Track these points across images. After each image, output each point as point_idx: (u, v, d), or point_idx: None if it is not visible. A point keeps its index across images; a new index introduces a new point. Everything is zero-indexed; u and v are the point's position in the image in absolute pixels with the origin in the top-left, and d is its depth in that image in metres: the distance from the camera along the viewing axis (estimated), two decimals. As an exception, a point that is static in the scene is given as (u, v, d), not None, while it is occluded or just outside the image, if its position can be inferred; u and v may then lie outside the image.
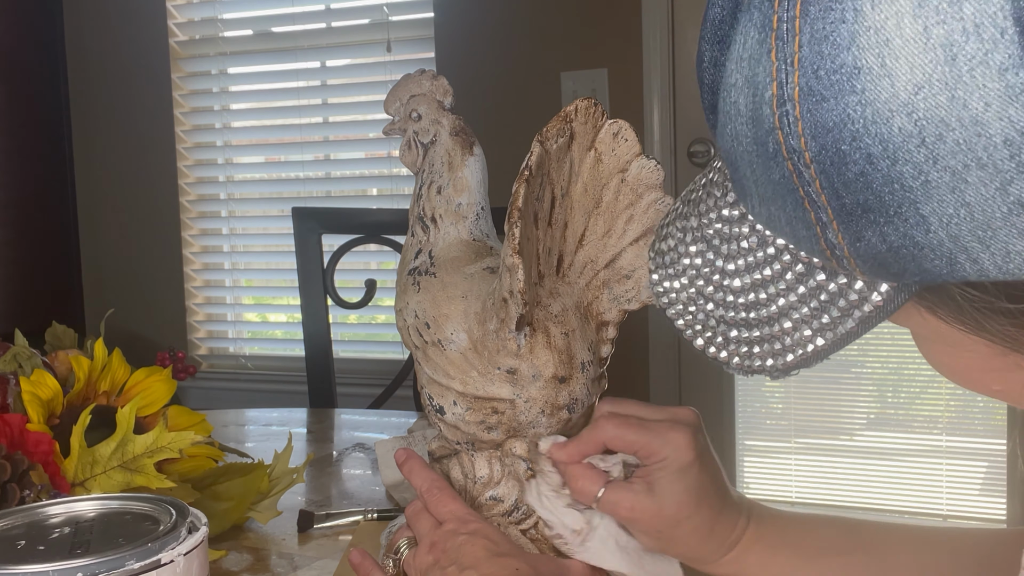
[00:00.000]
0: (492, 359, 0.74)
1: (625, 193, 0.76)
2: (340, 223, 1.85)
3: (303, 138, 3.07)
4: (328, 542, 0.94)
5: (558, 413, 0.75)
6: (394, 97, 0.84)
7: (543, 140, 0.70)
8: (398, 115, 0.84)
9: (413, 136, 0.83)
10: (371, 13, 2.92)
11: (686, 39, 2.60)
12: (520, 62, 2.73)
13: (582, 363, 0.75)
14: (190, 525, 0.58)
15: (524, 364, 0.73)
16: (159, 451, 0.86)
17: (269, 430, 1.43)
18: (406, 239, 0.83)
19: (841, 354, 2.55)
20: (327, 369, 1.76)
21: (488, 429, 0.75)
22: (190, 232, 3.19)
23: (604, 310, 0.78)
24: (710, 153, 2.59)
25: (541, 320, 0.74)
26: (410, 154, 0.84)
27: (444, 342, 0.75)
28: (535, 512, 0.75)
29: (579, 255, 0.76)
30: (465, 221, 0.81)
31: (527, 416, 0.74)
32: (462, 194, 0.81)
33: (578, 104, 0.72)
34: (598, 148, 0.75)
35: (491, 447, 0.77)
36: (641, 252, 0.77)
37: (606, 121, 0.75)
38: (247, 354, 3.20)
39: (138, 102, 3.16)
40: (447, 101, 0.83)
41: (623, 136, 0.75)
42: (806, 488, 2.63)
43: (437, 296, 0.77)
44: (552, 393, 0.74)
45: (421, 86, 0.83)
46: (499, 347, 0.73)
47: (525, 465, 0.76)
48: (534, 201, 0.71)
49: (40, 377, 0.91)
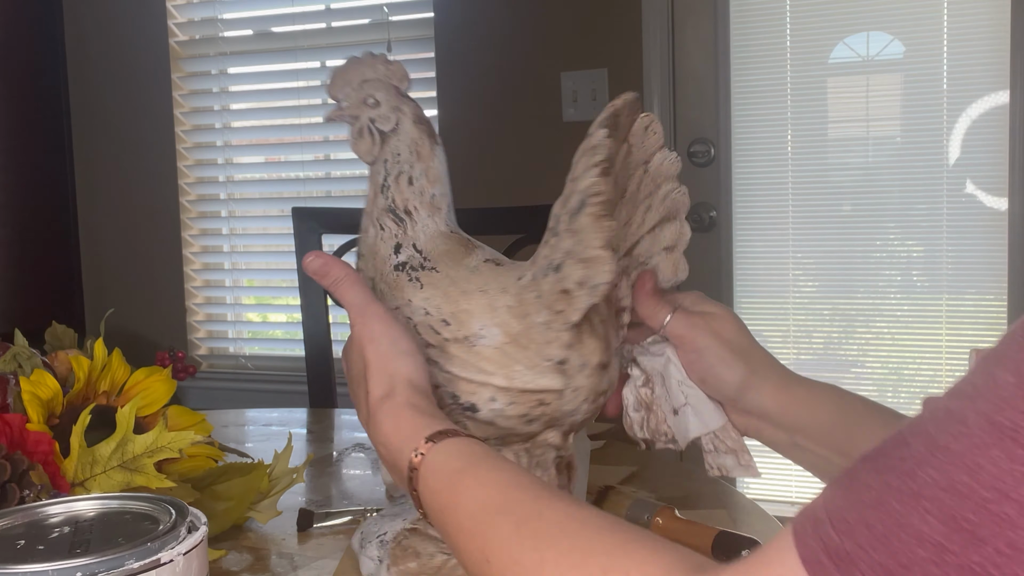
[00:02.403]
0: (540, 351, 0.73)
1: (647, 184, 0.77)
2: (340, 223, 1.85)
3: (303, 138, 3.07)
4: (328, 542, 0.94)
5: (599, 399, 0.76)
6: (342, 81, 0.79)
7: (611, 134, 0.68)
8: (347, 100, 0.79)
9: (369, 123, 0.78)
10: (371, 13, 2.92)
11: (686, 39, 2.60)
12: (520, 62, 2.73)
13: (616, 349, 0.77)
14: (190, 525, 0.58)
15: (574, 354, 0.73)
16: (159, 451, 0.86)
17: (269, 430, 1.43)
18: (370, 232, 0.79)
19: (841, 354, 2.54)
20: (327, 369, 1.76)
21: (529, 422, 0.75)
22: (190, 232, 3.19)
23: (623, 296, 0.78)
24: (710, 153, 2.59)
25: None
26: (364, 142, 0.79)
27: (473, 338, 0.74)
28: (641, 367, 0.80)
29: None
30: (440, 212, 0.79)
31: (572, 405, 0.75)
32: (435, 185, 0.79)
33: (626, 98, 0.72)
34: (630, 141, 0.76)
35: (522, 440, 0.76)
36: (656, 239, 0.79)
37: (640, 114, 0.75)
38: (247, 354, 3.20)
39: (138, 102, 3.16)
40: (404, 87, 0.79)
41: (652, 129, 0.76)
42: (806, 488, 2.63)
43: (449, 292, 0.76)
44: (597, 380, 0.75)
45: (375, 70, 0.79)
46: (550, 339, 0.73)
47: (555, 453, 0.77)
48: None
49: (40, 377, 0.91)
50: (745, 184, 2.59)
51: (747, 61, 2.56)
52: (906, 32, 2.44)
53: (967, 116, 2.40)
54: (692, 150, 2.60)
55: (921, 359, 2.53)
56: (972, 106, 2.40)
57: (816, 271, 2.61)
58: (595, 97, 2.64)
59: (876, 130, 2.51)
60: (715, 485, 1.09)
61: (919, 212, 2.48)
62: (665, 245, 0.79)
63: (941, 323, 2.49)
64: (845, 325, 2.61)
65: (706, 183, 2.60)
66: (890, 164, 2.50)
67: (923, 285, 2.51)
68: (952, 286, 2.47)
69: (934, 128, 2.42)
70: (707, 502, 1.02)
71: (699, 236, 2.59)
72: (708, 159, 2.60)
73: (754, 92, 2.56)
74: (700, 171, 2.61)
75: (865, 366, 2.57)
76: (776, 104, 2.54)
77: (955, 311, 2.47)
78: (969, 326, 2.47)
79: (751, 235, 2.60)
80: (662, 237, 0.79)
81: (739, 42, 2.56)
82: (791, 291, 2.60)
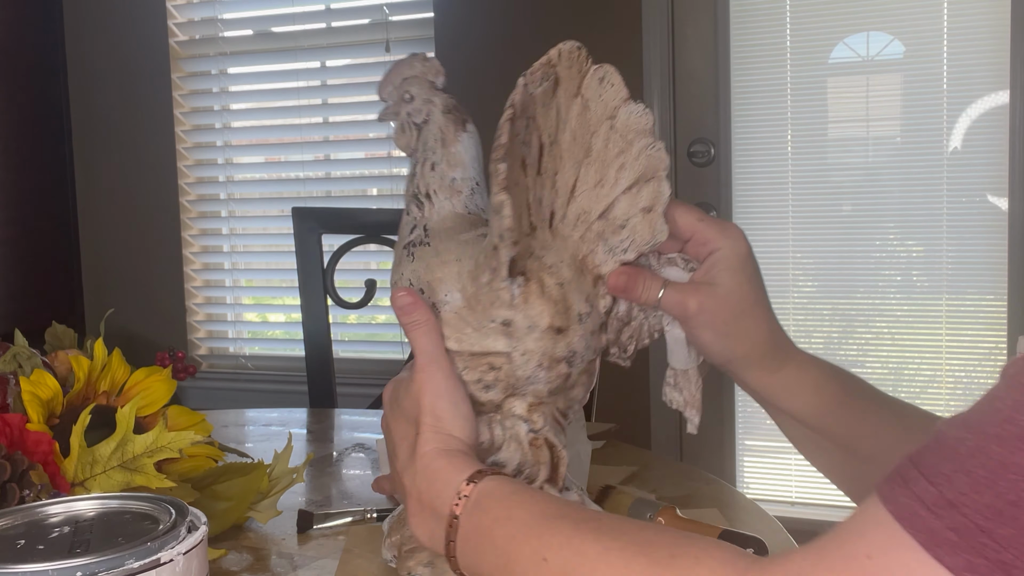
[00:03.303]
0: (486, 312, 0.72)
1: (615, 141, 0.74)
2: (340, 223, 1.85)
3: (303, 138, 3.07)
4: (328, 542, 0.94)
5: (556, 367, 0.73)
6: (387, 82, 0.83)
7: (527, 81, 0.68)
8: (391, 99, 0.83)
9: (407, 118, 0.82)
10: (371, 13, 2.92)
11: (686, 39, 2.60)
12: (520, 62, 2.72)
13: (579, 314, 0.73)
14: (190, 524, 0.58)
15: (519, 315, 0.72)
16: (159, 451, 0.86)
17: (269, 430, 1.43)
18: (401, 219, 0.82)
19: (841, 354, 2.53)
20: (327, 369, 1.76)
21: (486, 388, 0.74)
22: (190, 232, 3.19)
23: (600, 262, 0.75)
24: (710, 153, 2.59)
25: (535, 271, 0.72)
26: (404, 137, 0.83)
27: (439, 304, 0.74)
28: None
29: (571, 207, 0.74)
30: (460, 195, 0.80)
31: (524, 370, 0.73)
32: (456, 169, 0.80)
33: (561, 48, 0.71)
34: (584, 95, 0.73)
35: (491, 410, 0.75)
36: (634, 200, 0.74)
37: (591, 66, 0.73)
38: (247, 354, 3.20)
39: (138, 102, 3.16)
40: (439, 81, 0.82)
41: (609, 81, 0.73)
42: (806, 488, 2.63)
43: (431, 262, 0.76)
44: (549, 344, 0.72)
45: (413, 68, 0.82)
46: (493, 299, 0.72)
47: (526, 427, 0.75)
48: (520, 144, 0.69)
49: (40, 377, 0.91)
50: (745, 184, 2.59)
51: (747, 61, 2.56)
52: (906, 32, 2.44)
53: (967, 116, 2.40)
54: (692, 150, 2.61)
55: (921, 359, 2.53)
56: (972, 106, 2.40)
57: (816, 271, 2.61)
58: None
59: (876, 130, 2.51)
60: (715, 485, 1.09)
61: (919, 212, 2.48)
62: (643, 206, 0.74)
63: (941, 323, 2.49)
64: (845, 325, 2.61)
65: (706, 183, 2.60)
66: (890, 164, 2.50)
67: (923, 285, 2.51)
68: (952, 286, 2.47)
69: (934, 128, 2.42)
70: (707, 502, 1.02)
71: (699, 236, 2.58)
72: (708, 159, 2.60)
73: (754, 92, 2.56)
74: (700, 171, 2.61)
75: (865, 366, 2.57)
76: (776, 104, 2.54)
77: (955, 311, 2.48)
78: (969, 326, 2.47)
79: (751, 235, 2.56)
80: (640, 198, 0.74)
81: (739, 42, 2.56)
82: (791, 291, 2.60)
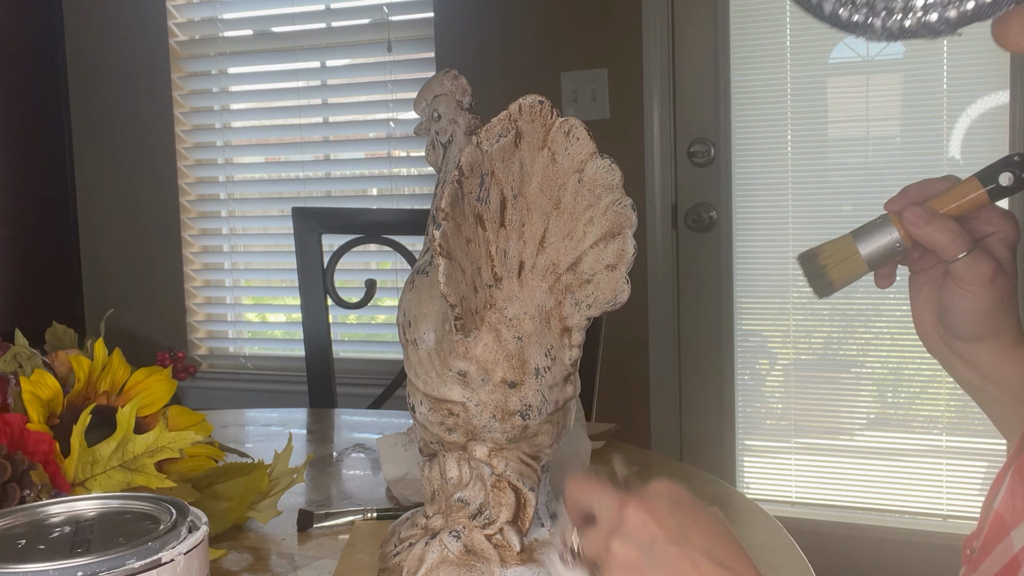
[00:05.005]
0: (446, 361, 0.74)
1: (583, 194, 0.73)
2: (340, 223, 1.85)
3: (303, 138, 3.07)
4: (328, 542, 0.94)
5: (510, 419, 0.74)
6: (421, 98, 0.84)
7: (479, 141, 0.69)
8: (423, 115, 0.84)
9: (435, 136, 0.83)
10: (371, 13, 2.92)
11: (686, 39, 2.60)
12: (520, 62, 2.73)
13: (536, 369, 0.73)
14: (190, 524, 0.58)
15: (473, 367, 0.73)
16: (159, 451, 0.86)
17: (269, 430, 1.43)
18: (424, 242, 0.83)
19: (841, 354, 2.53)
20: (327, 369, 1.76)
21: (448, 431, 0.75)
22: (190, 232, 3.19)
23: (567, 315, 0.75)
24: (710, 153, 2.59)
25: (493, 323, 0.72)
26: (433, 154, 0.84)
27: (418, 341, 0.76)
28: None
29: (540, 258, 0.74)
30: None
31: (479, 420, 0.74)
32: None
33: (522, 103, 0.71)
34: (551, 147, 0.73)
35: (458, 448, 0.76)
36: (600, 255, 0.74)
37: (556, 119, 0.72)
38: (247, 354, 3.20)
39: (138, 102, 3.16)
40: (465, 100, 0.82)
41: (575, 135, 0.73)
42: (806, 488, 2.63)
43: (422, 295, 0.77)
44: (501, 398, 0.73)
45: (443, 86, 0.83)
46: (451, 348, 0.73)
47: (489, 470, 0.76)
48: (474, 202, 0.69)
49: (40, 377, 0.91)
50: (745, 184, 2.59)
51: (747, 61, 2.56)
52: (906, 32, 2.44)
53: (967, 116, 2.40)
54: (692, 150, 2.61)
55: (921, 359, 2.53)
56: (972, 106, 2.40)
57: (816, 271, 2.60)
58: (595, 97, 2.65)
59: (876, 130, 2.52)
60: (715, 485, 1.09)
61: (919, 212, 2.47)
62: (607, 263, 0.74)
63: (941, 323, 2.49)
64: (845, 325, 2.61)
65: (706, 183, 2.60)
66: (890, 164, 2.50)
67: (923, 285, 2.51)
68: (952, 286, 2.46)
69: (934, 128, 2.42)
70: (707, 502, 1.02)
71: (699, 236, 2.59)
72: (708, 159, 2.60)
73: (754, 92, 2.56)
74: (700, 171, 2.61)
75: (865, 366, 2.57)
76: (776, 104, 2.54)
77: (955, 311, 2.47)
78: (969, 326, 2.47)
79: (751, 235, 2.60)
80: (605, 254, 0.74)
81: (739, 42, 2.56)
82: (791, 291, 2.60)
